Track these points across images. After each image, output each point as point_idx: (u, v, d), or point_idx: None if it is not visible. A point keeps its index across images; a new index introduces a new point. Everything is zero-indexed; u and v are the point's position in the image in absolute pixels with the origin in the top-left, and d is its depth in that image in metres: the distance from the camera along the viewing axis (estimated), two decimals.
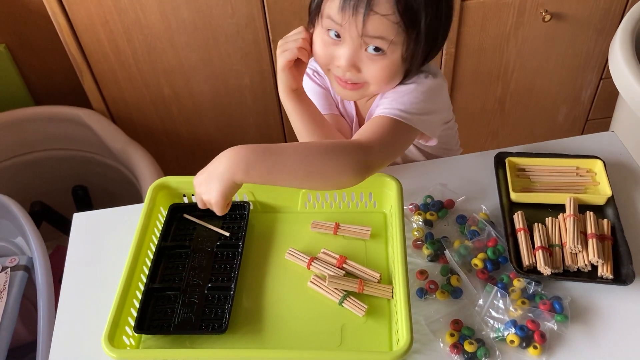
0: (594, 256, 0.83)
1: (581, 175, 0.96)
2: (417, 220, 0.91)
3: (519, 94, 1.79)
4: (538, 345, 0.75)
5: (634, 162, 0.99)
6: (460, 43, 1.61)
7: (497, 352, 0.76)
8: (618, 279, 0.82)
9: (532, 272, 0.83)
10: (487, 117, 1.85)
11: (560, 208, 0.91)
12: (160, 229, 0.89)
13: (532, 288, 0.81)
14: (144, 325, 0.79)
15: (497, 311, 0.79)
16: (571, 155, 0.98)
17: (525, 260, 0.84)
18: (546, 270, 0.82)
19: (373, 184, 0.89)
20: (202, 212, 0.92)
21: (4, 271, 1.24)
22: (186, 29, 1.49)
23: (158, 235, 0.88)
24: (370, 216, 0.92)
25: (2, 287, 1.21)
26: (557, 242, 0.86)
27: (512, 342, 0.76)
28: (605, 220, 0.89)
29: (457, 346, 0.76)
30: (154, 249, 0.87)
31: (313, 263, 0.84)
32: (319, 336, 0.78)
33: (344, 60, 0.84)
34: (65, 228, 1.66)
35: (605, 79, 1.78)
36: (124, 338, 0.77)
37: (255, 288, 0.84)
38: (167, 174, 0.97)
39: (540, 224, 0.88)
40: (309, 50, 0.89)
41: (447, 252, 0.86)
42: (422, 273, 0.84)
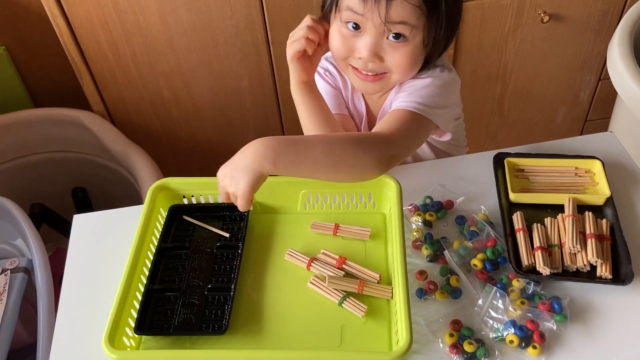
0: (593, 256, 0.83)
1: (580, 176, 0.97)
2: (416, 220, 0.91)
3: (517, 94, 1.79)
4: (537, 345, 0.75)
5: (633, 162, 0.99)
6: (459, 44, 1.61)
7: (497, 352, 0.76)
8: (617, 278, 0.82)
9: (531, 272, 0.83)
10: (486, 118, 1.85)
11: (559, 208, 0.91)
12: (160, 230, 0.89)
13: (531, 288, 0.81)
14: (144, 326, 0.79)
15: (497, 311, 0.79)
16: (570, 156, 0.98)
17: (525, 261, 0.84)
18: (545, 271, 0.82)
19: (372, 184, 0.89)
20: (202, 214, 0.93)
21: (3, 273, 1.24)
22: (185, 31, 1.49)
23: (158, 237, 0.88)
24: (370, 217, 0.92)
25: (2, 289, 1.21)
26: (556, 242, 0.86)
27: (512, 342, 0.76)
28: (604, 221, 0.89)
29: (456, 346, 0.76)
30: (154, 250, 0.87)
31: (313, 264, 0.85)
32: (318, 336, 0.78)
33: (365, 51, 0.85)
34: (65, 230, 1.66)
35: (604, 79, 1.78)
36: (124, 339, 0.77)
37: (255, 289, 0.84)
38: (166, 175, 0.97)
39: (539, 224, 0.88)
40: (315, 39, 0.88)
41: (447, 252, 0.86)
42: (422, 273, 0.84)
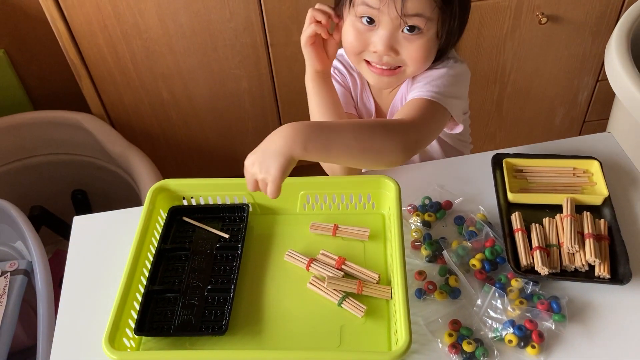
0: (591, 256, 0.83)
1: (578, 176, 0.97)
2: (415, 221, 0.91)
3: (516, 95, 1.80)
4: (536, 345, 0.76)
5: (630, 162, 1.00)
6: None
7: (496, 352, 0.76)
8: (615, 278, 0.82)
9: (529, 272, 0.84)
10: (485, 119, 1.85)
11: (558, 208, 0.91)
12: (160, 231, 0.90)
13: (529, 288, 0.81)
14: (144, 327, 0.79)
15: (495, 311, 0.80)
16: (568, 156, 0.98)
17: (523, 261, 0.84)
18: (544, 270, 0.82)
19: (371, 185, 0.90)
20: (202, 215, 0.93)
21: (3, 275, 1.24)
22: (184, 34, 1.49)
23: (158, 238, 0.89)
24: (369, 217, 0.92)
25: (1, 292, 1.21)
26: (554, 242, 0.87)
27: (510, 341, 0.76)
28: (602, 221, 0.89)
29: (455, 346, 0.76)
30: (153, 252, 0.87)
31: (312, 264, 0.85)
32: (318, 337, 0.78)
33: (381, 44, 0.85)
34: (65, 232, 1.66)
35: (602, 80, 1.79)
36: (125, 340, 0.77)
37: (254, 289, 0.84)
38: (165, 177, 0.97)
39: (537, 225, 0.89)
40: (322, 20, 0.88)
41: (445, 252, 0.86)
42: (421, 274, 0.85)
